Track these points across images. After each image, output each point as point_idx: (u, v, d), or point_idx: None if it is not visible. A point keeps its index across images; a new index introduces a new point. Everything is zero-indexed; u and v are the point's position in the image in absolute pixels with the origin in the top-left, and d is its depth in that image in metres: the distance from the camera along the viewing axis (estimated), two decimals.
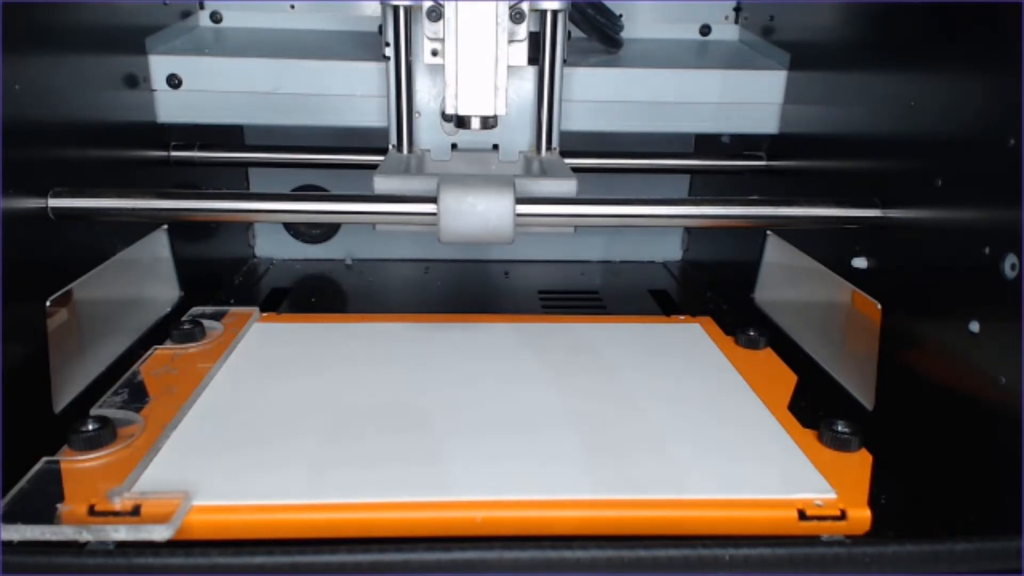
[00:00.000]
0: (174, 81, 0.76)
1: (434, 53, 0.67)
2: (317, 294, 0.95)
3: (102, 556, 0.37)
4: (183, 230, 0.81)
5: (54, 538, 0.40)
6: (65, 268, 0.59)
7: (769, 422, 0.54)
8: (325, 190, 0.99)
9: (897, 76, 0.59)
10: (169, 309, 0.78)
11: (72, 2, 0.62)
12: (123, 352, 0.67)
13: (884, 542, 0.39)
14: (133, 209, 0.61)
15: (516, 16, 0.65)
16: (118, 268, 0.67)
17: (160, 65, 0.76)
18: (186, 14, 0.86)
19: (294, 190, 0.99)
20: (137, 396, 0.55)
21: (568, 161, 0.72)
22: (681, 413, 0.55)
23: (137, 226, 0.71)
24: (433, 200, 0.60)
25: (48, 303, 0.56)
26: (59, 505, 0.42)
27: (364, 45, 0.85)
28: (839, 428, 0.51)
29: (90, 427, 0.47)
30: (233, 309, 0.71)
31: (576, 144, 0.78)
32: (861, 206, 0.61)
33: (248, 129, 0.92)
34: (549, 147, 0.74)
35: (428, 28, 0.65)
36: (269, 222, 1.03)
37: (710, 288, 0.97)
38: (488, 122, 0.66)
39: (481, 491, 0.45)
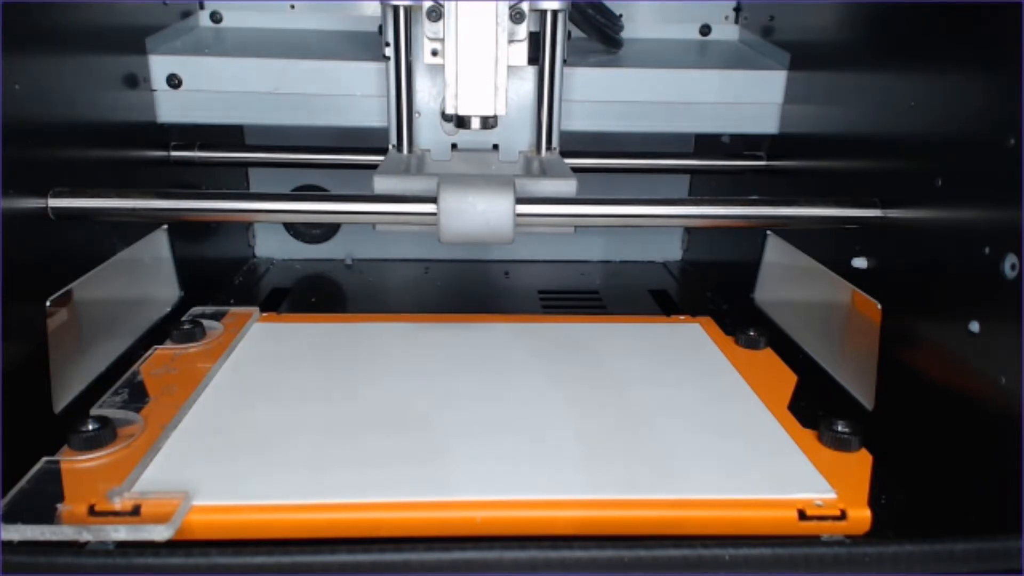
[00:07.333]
0: (174, 81, 0.76)
1: (434, 53, 0.67)
2: (317, 294, 0.95)
3: (102, 556, 0.37)
4: (183, 230, 0.81)
5: (54, 538, 0.40)
6: (65, 268, 0.59)
7: (769, 422, 0.54)
8: (325, 190, 0.99)
9: (897, 76, 0.59)
10: (169, 309, 0.78)
11: (72, 2, 0.62)
12: (123, 352, 0.67)
13: (884, 542, 0.39)
14: (133, 209, 0.61)
15: (516, 16, 0.65)
16: (118, 268, 0.67)
17: (160, 65, 0.76)
18: (186, 14, 0.86)
19: (294, 190, 0.99)
20: (137, 396, 0.55)
21: (568, 161, 0.72)
22: (681, 413, 0.55)
23: (137, 226, 0.71)
24: (433, 200, 0.60)
25: (48, 303, 0.56)
26: (59, 505, 0.42)
27: (364, 45, 0.85)
28: (839, 428, 0.51)
29: (90, 427, 0.47)
30: (233, 309, 0.71)
31: (576, 144, 0.78)
32: (861, 206, 0.61)
33: (248, 129, 0.92)
34: (549, 147, 0.74)
35: (428, 28, 0.65)
36: (269, 222, 1.03)
37: (710, 288, 0.97)
38: (488, 122, 0.66)
39: (481, 491, 0.45)
